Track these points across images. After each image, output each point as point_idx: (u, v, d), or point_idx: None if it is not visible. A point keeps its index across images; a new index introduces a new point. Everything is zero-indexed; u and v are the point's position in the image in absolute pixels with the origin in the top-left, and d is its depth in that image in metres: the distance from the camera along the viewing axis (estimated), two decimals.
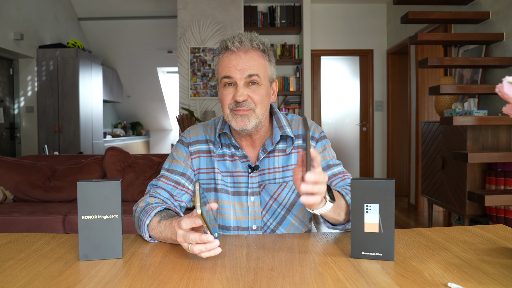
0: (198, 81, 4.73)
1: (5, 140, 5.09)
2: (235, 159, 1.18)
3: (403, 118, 5.32)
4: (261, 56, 1.11)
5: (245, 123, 1.09)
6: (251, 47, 1.09)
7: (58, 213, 2.79)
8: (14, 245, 0.98)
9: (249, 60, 1.08)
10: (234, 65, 1.08)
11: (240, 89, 1.08)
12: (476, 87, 2.74)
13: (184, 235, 0.85)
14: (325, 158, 1.19)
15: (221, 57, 1.11)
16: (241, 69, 1.07)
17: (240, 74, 1.07)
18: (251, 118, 1.10)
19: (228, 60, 1.09)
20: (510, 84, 0.69)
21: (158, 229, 0.98)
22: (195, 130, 1.23)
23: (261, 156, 1.16)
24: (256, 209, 1.16)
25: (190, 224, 0.84)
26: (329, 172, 1.17)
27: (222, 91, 1.11)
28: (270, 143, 1.17)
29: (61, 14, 5.93)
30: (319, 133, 1.22)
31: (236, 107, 1.09)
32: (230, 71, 1.08)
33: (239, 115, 1.09)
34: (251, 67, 1.08)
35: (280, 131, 1.17)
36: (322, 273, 0.78)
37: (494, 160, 2.46)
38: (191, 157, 1.19)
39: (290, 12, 5.00)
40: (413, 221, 4.23)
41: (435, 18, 3.20)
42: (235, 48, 1.08)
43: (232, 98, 1.09)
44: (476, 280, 0.74)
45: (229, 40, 1.10)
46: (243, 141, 1.18)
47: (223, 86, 1.11)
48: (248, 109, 1.09)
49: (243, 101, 1.08)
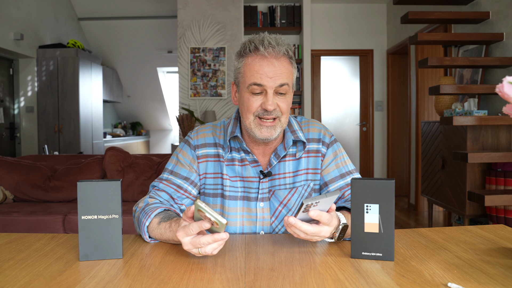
0: (198, 81, 4.73)
1: (5, 140, 5.09)
2: (245, 164, 1.14)
3: (403, 118, 5.32)
4: (290, 63, 1.07)
5: (271, 134, 1.06)
6: (283, 53, 1.05)
7: (58, 213, 2.79)
8: (14, 245, 0.98)
9: (281, 68, 1.04)
10: (266, 72, 1.02)
11: (271, 98, 1.03)
12: (476, 87, 2.74)
13: (193, 242, 0.83)
14: (337, 165, 1.16)
15: (250, 60, 1.05)
16: (273, 77, 1.02)
17: (272, 82, 1.03)
18: (277, 128, 1.07)
19: (260, 66, 1.03)
20: (510, 84, 0.69)
21: (158, 231, 0.97)
22: (203, 131, 1.18)
23: (273, 162, 1.13)
24: (265, 215, 1.13)
25: (198, 229, 0.82)
26: (342, 182, 1.15)
27: (249, 97, 1.06)
28: (282, 148, 1.13)
29: (61, 14, 5.93)
30: (329, 137, 1.19)
31: (264, 115, 1.05)
32: (262, 78, 1.02)
33: (265, 126, 1.05)
34: (282, 76, 1.03)
35: (292, 135, 1.14)
36: (322, 273, 0.78)
37: (494, 160, 2.46)
38: (197, 161, 1.15)
39: (290, 12, 5.00)
40: (413, 221, 4.23)
41: (435, 18, 3.20)
42: (267, 54, 1.03)
43: (260, 106, 1.05)
44: (476, 280, 0.74)
45: (259, 42, 1.04)
46: (255, 147, 1.15)
47: (251, 92, 1.05)
48: (275, 118, 1.06)
49: (272, 110, 1.04)
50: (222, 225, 0.81)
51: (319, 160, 1.17)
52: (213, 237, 0.82)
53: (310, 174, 1.17)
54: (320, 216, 0.86)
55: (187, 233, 0.83)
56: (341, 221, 0.95)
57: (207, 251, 0.83)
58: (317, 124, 1.20)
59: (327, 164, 1.17)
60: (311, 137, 1.18)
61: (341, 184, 1.15)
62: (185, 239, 0.84)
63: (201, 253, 0.84)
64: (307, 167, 1.16)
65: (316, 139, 1.18)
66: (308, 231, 0.87)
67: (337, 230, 0.95)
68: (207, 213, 0.80)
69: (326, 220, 0.87)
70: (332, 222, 0.90)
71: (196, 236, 0.83)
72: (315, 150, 1.17)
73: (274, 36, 1.07)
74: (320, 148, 1.17)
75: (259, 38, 1.05)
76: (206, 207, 0.80)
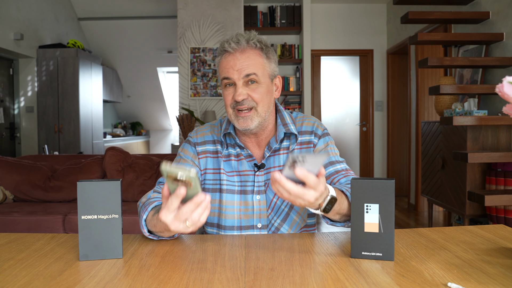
0: (198, 81, 4.73)
1: (5, 140, 5.09)
2: (240, 159, 1.19)
3: (403, 118, 5.32)
4: (259, 54, 1.12)
5: (247, 124, 1.11)
6: (248, 46, 1.11)
7: (58, 213, 2.79)
8: (14, 245, 0.98)
9: (245, 59, 1.10)
10: (231, 65, 1.10)
11: (239, 89, 1.10)
12: (476, 87, 2.74)
13: (176, 216, 0.82)
14: (327, 154, 1.19)
15: (221, 59, 1.14)
16: (238, 69, 1.09)
17: (237, 74, 1.09)
18: (253, 118, 1.12)
19: (226, 61, 1.11)
20: (510, 84, 0.69)
21: (152, 223, 0.97)
22: (202, 131, 1.24)
23: (266, 155, 1.17)
24: (262, 208, 1.16)
25: (176, 199, 0.80)
26: (331, 169, 1.17)
27: (224, 92, 1.14)
28: (274, 141, 1.18)
29: (61, 14, 5.93)
30: (322, 130, 1.23)
31: (237, 106, 1.11)
32: (228, 72, 1.10)
33: (241, 117, 1.11)
34: (248, 67, 1.10)
35: (284, 128, 1.18)
36: (322, 273, 0.78)
37: (494, 160, 2.46)
38: (198, 157, 1.20)
39: (290, 12, 5.00)
40: (413, 221, 4.23)
41: (435, 18, 3.20)
42: (231, 49, 1.11)
43: (232, 98, 1.12)
44: (476, 280, 0.73)
45: (226, 41, 1.12)
46: (248, 141, 1.20)
47: (224, 86, 1.14)
48: (250, 108, 1.11)
49: (243, 100, 1.10)
50: (192, 178, 0.76)
51: (311, 150, 1.21)
52: (193, 201, 0.80)
53: None
54: (306, 177, 0.82)
55: (168, 209, 0.81)
56: (330, 192, 0.92)
57: (194, 218, 0.81)
58: (311, 119, 1.25)
59: None
60: (304, 130, 1.21)
61: (331, 171, 1.16)
62: (168, 218, 0.82)
63: (190, 226, 0.82)
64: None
65: (309, 131, 1.21)
66: (291, 190, 0.83)
67: (324, 200, 0.91)
68: (176, 174, 0.76)
69: (312, 182, 0.83)
70: (319, 187, 0.85)
71: (178, 211, 0.82)
72: (307, 142, 1.21)
73: (246, 33, 1.14)
74: (312, 139, 1.21)
75: (229, 37, 1.14)
76: (171, 167, 0.75)
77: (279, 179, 0.83)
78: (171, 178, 0.78)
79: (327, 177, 1.16)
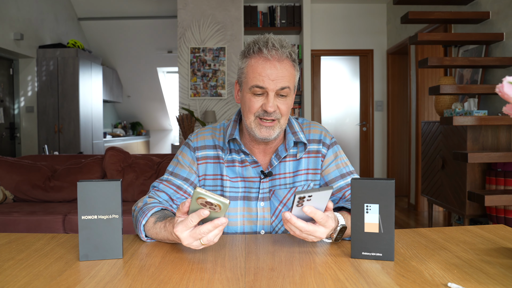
0: (198, 81, 4.73)
1: (5, 140, 5.09)
2: (245, 165, 1.16)
3: (403, 118, 5.32)
4: (292, 66, 1.08)
5: (269, 134, 1.08)
6: (284, 56, 1.05)
7: (58, 213, 2.79)
8: (14, 245, 0.98)
9: (283, 71, 1.04)
10: (268, 74, 1.03)
11: (271, 100, 1.05)
12: (476, 87, 2.74)
13: (192, 234, 0.83)
14: (337, 166, 1.18)
15: (253, 62, 1.06)
16: (274, 80, 1.04)
17: (273, 85, 1.04)
18: (275, 128, 1.09)
19: (262, 68, 1.04)
20: (510, 84, 0.69)
21: (154, 230, 0.98)
22: (202, 134, 1.20)
23: (274, 163, 1.14)
24: (266, 215, 1.15)
25: (197, 218, 0.82)
26: (342, 182, 1.16)
27: (250, 98, 1.07)
28: (283, 149, 1.15)
29: (61, 14, 5.93)
30: (330, 139, 1.20)
31: (264, 116, 1.06)
32: (264, 81, 1.04)
33: (265, 126, 1.07)
34: (284, 79, 1.04)
35: (293, 137, 1.16)
36: (322, 273, 0.78)
37: (494, 160, 2.46)
38: (197, 163, 1.17)
39: (290, 12, 5.00)
40: (413, 221, 4.23)
41: (435, 18, 3.20)
42: (270, 56, 1.04)
43: (260, 107, 1.07)
44: (476, 280, 0.73)
45: (263, 44, 1.04)
46: (255, 148, 1.17)
47: (252, 93, 1.07)
48: (275, 119, 1.07)
49: (272, 112, 1.06)
50: (226, 205, 0.80)
51: (319, 160, 1.18)
52: (213, 223, 0.81)
53: (311, 174, 1.18)
54: (314, 214, 0.85)
55: (186, 225, 0.83)
56: (339, 222, 0.95)
57: (210, 238, 0.83)
58: (318, 126, 1.22)
59: (327, 165, 1.18)
60: (311, 138, 1.19)
61: (342, 184, 1.16)
62: (184, 234, 0.83)
63: (203, 244, 0.84)
64: (307, 167, 1.18)
65: (316, 140, 1.19)
66: (303, 229, 0.87)
67: (335, 231, 0.95)
68: (209, 198, 0.79)
69: (320, 218, 0.86)
70: (328, 223, 0.88)
71: (194, 228, 0.83)
72: (315, 151, 1.19)
73: (279, 38, 1.07)
74: (320, 149, 1.19)
75: (264, 39, 1.06)
76: (206, 192, 0.79)
77: (289, 218, 0.86)
78: (200, 199, 0.81)
79: (339, 190, 1.16)
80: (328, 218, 0.88)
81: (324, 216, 0.87)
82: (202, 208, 0.82)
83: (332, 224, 0.90)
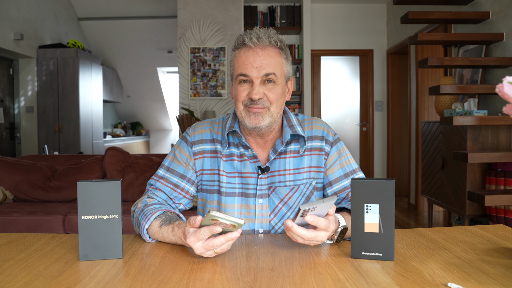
0: (198, 81, 4.73)
1: (5, 140, 5.09)
2: (244, 159, 1.13)
3: (403, 118, 5.32)
4: (279, 53, 1.08)
5: (258, 121, 1.06)
6: (269, 43, 1.06)
7: (58, 213, 2.79)
8: (14, 245, 0.98)
9: (266, 57, 1.05)
10: (251, 62, 1.04)
11: (256, 87, 1.05)
12: (476, 87, 2.74)
13: (205, 245, 0.84)
14: (341, 165, 1.16)
15: (237, 53, 1.08)
16: (258, 67, 1.04)
17: (256, 72, 1.04)
18: (265, 116, 1.07)
19: (245, 56, 1.05)
20: (510, 84, 0.69)
21: (160, 234, 0.98)
22: (200, 128, 1.18)
23: (271, 157, 1.12)
24: (264, 212, 1.12)
25: (209, 233, 0.83)
26: (346, 182, 1.15)
27: (237, 87, 1.08)
28: (280, 143, 1.12)
29: (61, 14, 5.93)
30: (332, 135, 1.18)
31: (251, 104, 1.06)
32: (247, 68, 1.04)
33: (253, 113, 1.06)
34: (268, 65, 1.05)
35: (290, 130, 1.13)
36: (322, 273, 0.78)
37: (494, 160, 2.46)
38: (194, 158, 1.15)
39: (290, 12, 5.00)
40: (413, 221, 4.23)
41: (435, 18, 3.20)
42: (252, 44, 1.05)
43: (247, 95, 1.06)
44: (476, 280, 0.73)
45: (246, 35, 1.06)
46: (253, 141, 1.15)
47: (238, 82, 1.07)
48: (263, 107, 1.06)
49: (258, 99, 1.05)
50: (240, 225, 0.83)
51: (323, 158, 1.16)
52: (226, 237, 0.84)
53: (313, 172, 1.15)
54: (317, 222, 0.87)
55: (198, 238, 0.84)
56: (340, 223, 0.96)
57: (223, 248, 0.86)
58: (320, 122, 1.20)
59: (331, 163, 1.16)
60: (314, 135, 1.16)
61: (346, 184, 1.15)
62: (197, 244, 0.85)
63: (216, 252, 0.86)
64: (310, 165, 1.15)
65: (319, 137, 1.16)
66: (305, 236, 0.88)
67: (336, 233, 0.95)
68: (223, 220, 0.81)
69: (323, 226, 0.88)
70: (330, 227, 0.90)
71: (207, 240, 0.85)
72: (318, 148, 1.16)
73: (266, 29, 1.08)
74: (323, 146, 1.16)
75: (248, 31, 1.08)
76: (220, 215, 0.81)
77: (290, 226, 0.87)
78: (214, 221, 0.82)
79: (342, 190, 1.15)
80: (329, 223, 0.90)
81: (326, 222, 0.89)
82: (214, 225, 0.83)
83: (333, 227, 0.92)
